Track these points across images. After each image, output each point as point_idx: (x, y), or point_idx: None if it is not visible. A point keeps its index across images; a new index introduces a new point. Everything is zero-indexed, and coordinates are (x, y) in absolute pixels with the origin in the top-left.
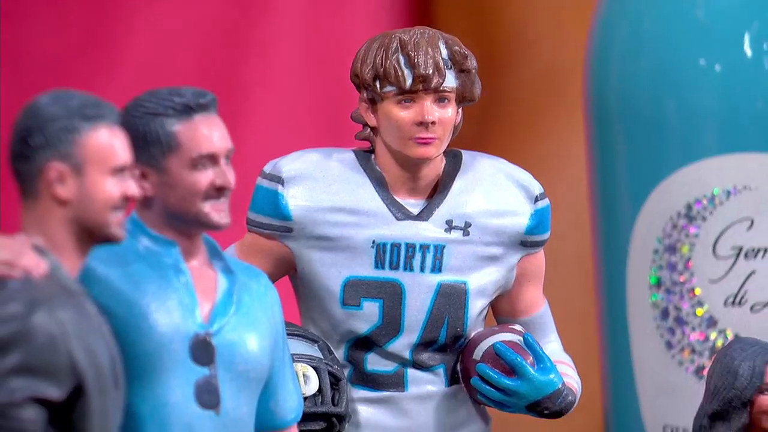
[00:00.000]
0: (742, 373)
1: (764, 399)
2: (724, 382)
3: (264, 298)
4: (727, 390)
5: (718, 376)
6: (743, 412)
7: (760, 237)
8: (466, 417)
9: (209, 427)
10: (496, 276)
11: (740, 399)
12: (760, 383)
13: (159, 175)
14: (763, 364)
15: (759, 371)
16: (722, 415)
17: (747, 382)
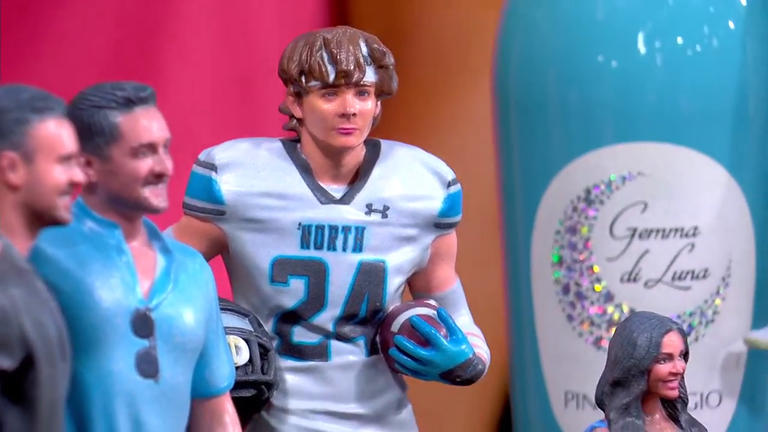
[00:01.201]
0: (640, 344)
1: (660, 368)
2: (624, 353)
3: (199, 275)
4: (626, 359)
5: (619, 347)
6: (641, 379)
7: (653, 219)
8: (385, 385)
9: (149, 394)
10: (412, 255)
11: (638, 368)
12: (656, 353)
13: (103, 162)
14: (659, 335)
15: (655, 342)
16: (622, 383)
17: (645, 353)
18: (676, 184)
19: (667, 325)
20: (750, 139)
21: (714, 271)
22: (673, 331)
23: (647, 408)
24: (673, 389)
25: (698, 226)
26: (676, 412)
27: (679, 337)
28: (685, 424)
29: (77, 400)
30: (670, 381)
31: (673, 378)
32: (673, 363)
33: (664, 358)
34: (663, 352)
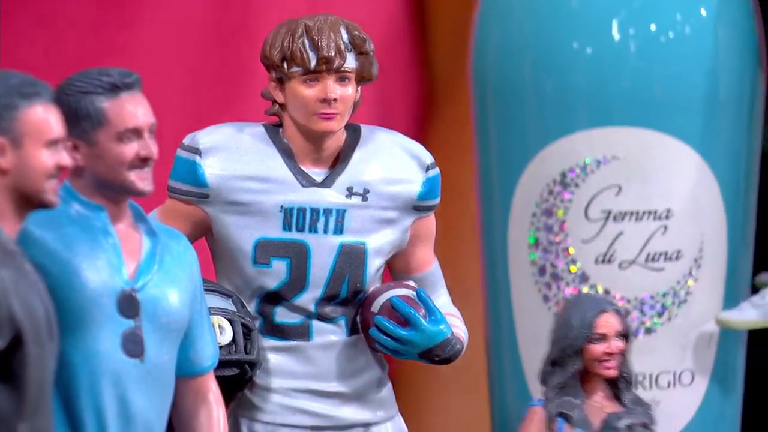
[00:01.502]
0: (574, 325)
1: (594, 348)
2: (560, 333)
3: (183, 257)
4: (562, 340)
5: (556, 328)
6: (576, 359)
7: (627, 202)
8: (365, 364)
9: (134, 373)
10: (392, 237)
11: (573, 348)
12: (589, 333)
13: (89, 147)
14: (592, 317)
15: (588, 323)
16: (559, 362)
17: (578, 333)
18: (649, 168)
19: (601, 306)
20: (721, 124)
21: (686, 252)
22: (607, 312)
23: (588, 387)
24: (609, 368)
25: (671, 208)
26: (618, 392)
27: (615, 318)
28: (628, 403)
29: (64, 380)
30: (605, 361)
31: (608, 358)
32: (607, 343)
33: (597, 339)
34: (597, 333)
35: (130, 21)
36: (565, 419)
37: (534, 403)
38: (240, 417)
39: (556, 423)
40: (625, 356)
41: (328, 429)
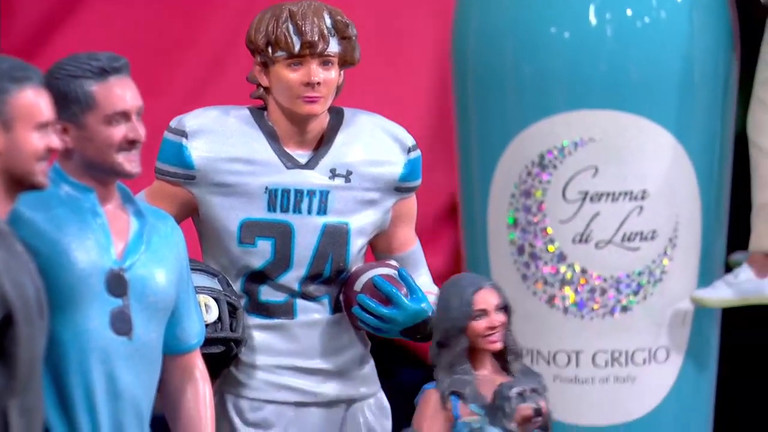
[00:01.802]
0: (453, 305)
1: (476, 324)
2: (441, 315)
3: (170, 237)
4: (443, 322)
5: (437, 311)
6: (461, 337)
7: (604, 183)
8: (348, 341)
9: (123, 351)
10: (374, 218)
11: (455, 328)
12: (469, 311)
13: (78, 130)
14: (470, 294)
15: (467, 301)
16: (445, 343)
17: (458, 313)
18: (625, 150)
19: (477, 283)
20: (696, 106)
21: (662, 232)
22: (484, 288)
23: (476, 363)
24: (494, 342)
25: (647, 189)
26: (506, 364)
27: (492, 293)
28: (518, 374)
29: (54, 357)
30: (489, 335)
31: (491, 332)
32: (488, 318)
33: (478, 315)
34: (476, 309)
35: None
36: (458, 397)
37: (426, 387)
38: (226, 394)
39: (451, 402)
40: (508, 328)
41: (311, 405)
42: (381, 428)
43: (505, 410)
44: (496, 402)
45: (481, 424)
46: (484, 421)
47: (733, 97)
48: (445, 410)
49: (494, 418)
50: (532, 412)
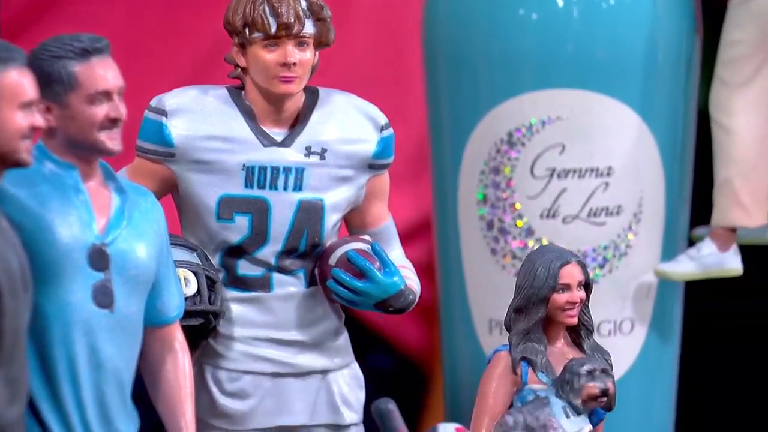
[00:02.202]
0: (539, 275)
1: (558, 297)
2: (525, 282)
3: (151, 213)
4: (527, 289)
5: (521, 277)
6: (541, 307)
7: (570, 160)
8: (323, 314)
9: (105, 323)
10: (348, 194)
11: (537, 296)
12: (554, 283)
13: (61, 109)
14: (557, 267)
15: (553, 273)
16: (523, 310)
17: (543, 282)
18: (591, 128)
19: (566, 257)
20: (660, 86)
21: (627, 208)
22: (571, 263)
23: (550, 334)
24: (571, 317)
25: (612, 166)
26: (579, 339)
27: (577, 269)
28: (588, 350)
29: (38, 329)
30: (568, 309)
31: (570, 306)
32: (570, 293)
33: (561, 288)
34: (560, 283)
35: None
36: (528, 364)
37: (499, 349)
38: (204, 365)
39: (521, 367)
40: (585, 305)
41: (287, 376)
42: (355, 398)
43: (574, 385)
44: (566, 376)
45: (547, 394)
46: (550, 391)
47: (695, 77)
48: (514, 374)
49: (560, 390)
50: (599, 391)
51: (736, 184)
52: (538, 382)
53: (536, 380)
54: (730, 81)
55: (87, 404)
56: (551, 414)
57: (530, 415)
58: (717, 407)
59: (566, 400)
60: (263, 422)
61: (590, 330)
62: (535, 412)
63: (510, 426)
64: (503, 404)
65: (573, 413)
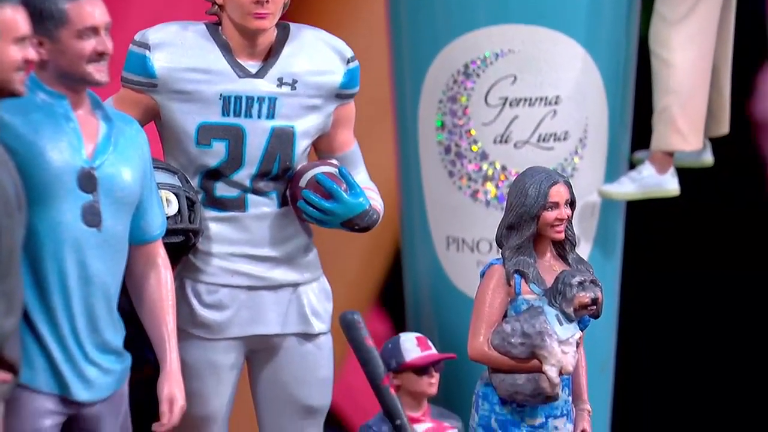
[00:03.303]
0: (530, 194)
1: (548, 214)
2: (517, 201)
3: (135, 139)
4: (519, 207)
5: (513, 196)
6: (531, 224)
7: (522, 90)
8: (294, 232)
9: (93, 241)
10: (317, 121)
11: (529, 214)
12: (544, 202)
13: (52, 43)
14: (547, 187)
15: (543, 192)
16: (515, 227)
17: (534, 201)
18: (540, 60)
19: (554, 177)
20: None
21: (573, 133)
22: (559, 183)
23: (538, 248)
24: (559, 232)
25: (559, 95)
26: (564, 252)
27: (565, 188)
28: (572, 262)
29: (32, 247)
30: (556, 225)
31: (559, 223)
32: (559, 210)
33: (551, 206)
34: (550, 201)
35: None
36: (521, 276)
37: (492, 262)
38: (185, 279)
39: (514, 279)
40: (569, 222)
41: (261, 288)
42: (323, 309)
43: (566, 295)
44: (558, 286)
45: (540, 303)
46: (542, 301)
47: (636, 11)
48: (508, 286)
49: (552, 300)
50: (590, 300)
51: (674, 112)
52: (530, 292)
53: (528, 291)
54: (668, 17)
55: (77, 315)
56: (546, 322)
57: (527, 323)
58: (654, 314)
59: (559, 308)
60: (239, 331)
61: (574, 244)
62: (531, 320)
63: (508, 333)
64: (499, 313)
65: (565, 321)
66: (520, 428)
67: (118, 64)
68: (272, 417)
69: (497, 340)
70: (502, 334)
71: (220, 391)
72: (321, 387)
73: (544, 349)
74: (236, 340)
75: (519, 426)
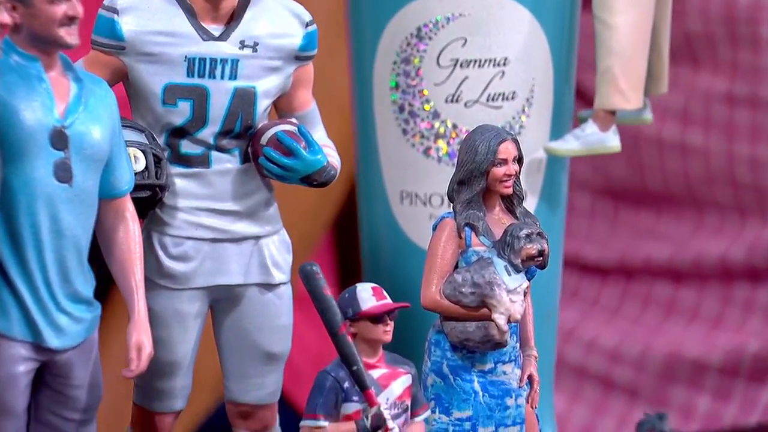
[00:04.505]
0: (480, 151)
1: (496, 170)
2: (467, 157)
3: (105, 99)
4: (469, 163)
5: (464, 153)
6: (481, 179)
7: (472, 52)
8: (255, 187)
9: (64, 196)
10: (277, 82)
11: (479, 170)
12: (493, 158)
13: (25, 7)
14: (496, 144)
15: (492, 149)
16: (466, 182)
17: (483, 158)
18: (490, 23)
19: (503, 135)
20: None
21: (520, 93)
22: (508, 140)
23: (488, 203)
24: (507, 187)
25: (507, 57)
26: (512, 206)
27: (512, 145)
28: (519, 215)
29: (6, 202)
30: (504, 181)
31: (507, 178)
32: (507, 166)
33: (499, 162)
34: (499, 158)
35: None
36: (471, 229)
37: (444, 216)
38: (152, 231)
39: (465, 232)
40: (517, 177)
41: (224, 241)
42: (283, 260)
43: (514, 247)
44: (507, 238)
45: (489, 255)
46: (492, 252)
47: None
48: (459, 238)
49: (501, 251)
50: (536, 252)
51: (616, 73)
52: (480, 244)
53: (478, 243)
54: None
55: (49, 266)
56: (495, 272)
57: (477, 273)
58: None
59: (507, 260)
60: (203, 282)
61: (521, 198)
62: (480, 271)
63: (459, 283)
64: (450, 264)
65: (513, 271)
66: (471, 373)
67: (89, 27)
68: (235, 363)
69: (449, 290)
70: (453, 284)
71: (185, 339)
72: (281, 334)
73: (493, 298)
74: (201, 289)
75: (469, 371)
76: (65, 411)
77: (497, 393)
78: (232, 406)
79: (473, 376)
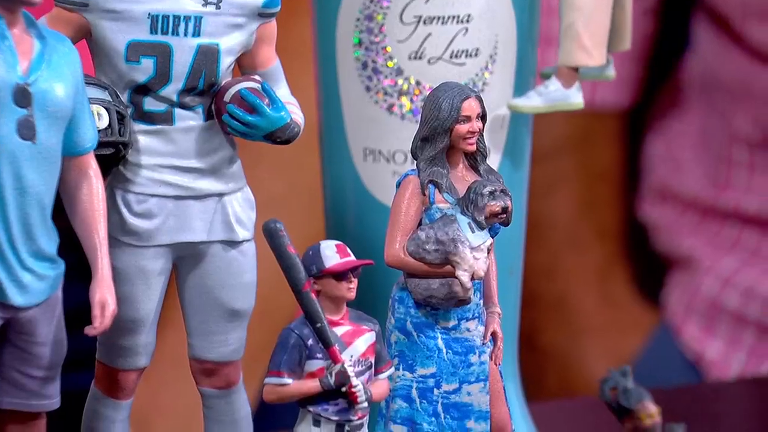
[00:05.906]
0: (443, 108)
1: (460, 127)
2: (431, 114)
3: (68, 57)
4: (433, 121)
5: (427, 110)
6: (445, 136)
7: (435, 8)
8: (219, 144)
9: (27, 153)
10: (240, 39)
11: (442, 127)
12: (456, 115)
13: None
14: (459, 101)
15: (456, 106)
16: (429, 139)
17: (447, 114)
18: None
19: (466, 92)
20: None
21: (483, 50)
22: (471, 97)
23: (451, 160)
24: (471, 144)
25: (471, 14)
26: (476, 163)
27: (476, 103)
28: (483, 172)
29: None
30: (468, 138)
31: (470, 135)
32: (470, 123)
33: (463, 119)
34: (462, 115)
35: None
36: (435, 186)
37: (408, 173)
38: (115, 189)
39: (428, 189)
40: (481, 134)
41: (188, 198)
42: (247, 217)
43: (478, 204)
44: (470, 196)
45: (453, 212)
46: (455, 209)
47: None
48: (423, 195)
49: (465, 208)
50: (500, 209)
51: (578, 29)
52: (444, 201)
53: (442, 200)
54: None
55: (12, 224)
56: (458, 229)
57: (440, 230)
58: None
59: (471, 217)
60: (167, 239)
61: (485, 155)
62: (444, 228)
63: (423, 240)
64: (414, 222)
65: (477, 228)
66: (434, 330)
67: None
68: (198, 320)
69: (412, 247)
70: (417, 241)
71: (149, 296)
72: (245, 291)
73: (456, 255)
74: (164, 247)
75: (433, 328)
76: (29, 368)
77: (461, 350)
78: (195, 363)
79: (437, 333)
